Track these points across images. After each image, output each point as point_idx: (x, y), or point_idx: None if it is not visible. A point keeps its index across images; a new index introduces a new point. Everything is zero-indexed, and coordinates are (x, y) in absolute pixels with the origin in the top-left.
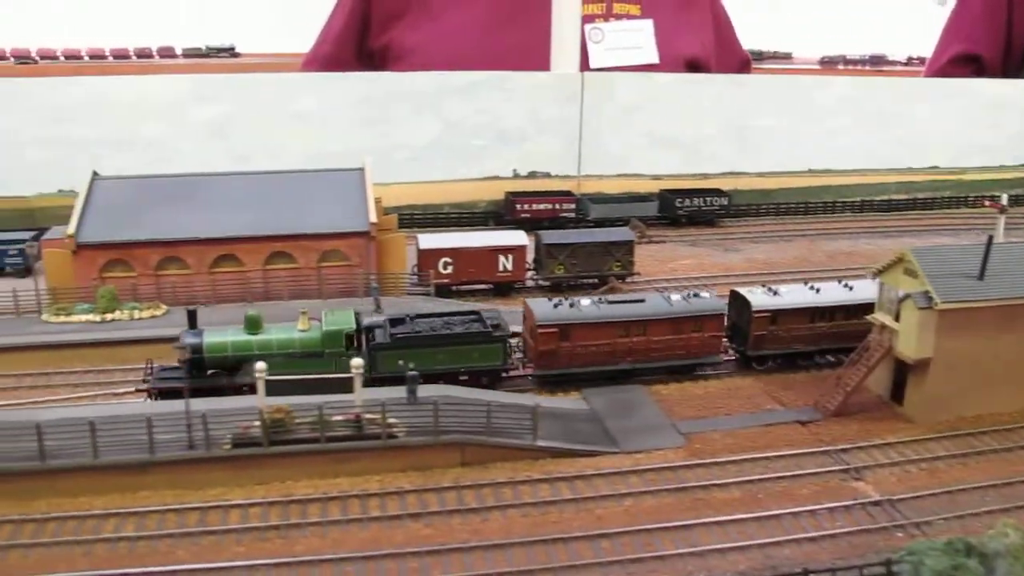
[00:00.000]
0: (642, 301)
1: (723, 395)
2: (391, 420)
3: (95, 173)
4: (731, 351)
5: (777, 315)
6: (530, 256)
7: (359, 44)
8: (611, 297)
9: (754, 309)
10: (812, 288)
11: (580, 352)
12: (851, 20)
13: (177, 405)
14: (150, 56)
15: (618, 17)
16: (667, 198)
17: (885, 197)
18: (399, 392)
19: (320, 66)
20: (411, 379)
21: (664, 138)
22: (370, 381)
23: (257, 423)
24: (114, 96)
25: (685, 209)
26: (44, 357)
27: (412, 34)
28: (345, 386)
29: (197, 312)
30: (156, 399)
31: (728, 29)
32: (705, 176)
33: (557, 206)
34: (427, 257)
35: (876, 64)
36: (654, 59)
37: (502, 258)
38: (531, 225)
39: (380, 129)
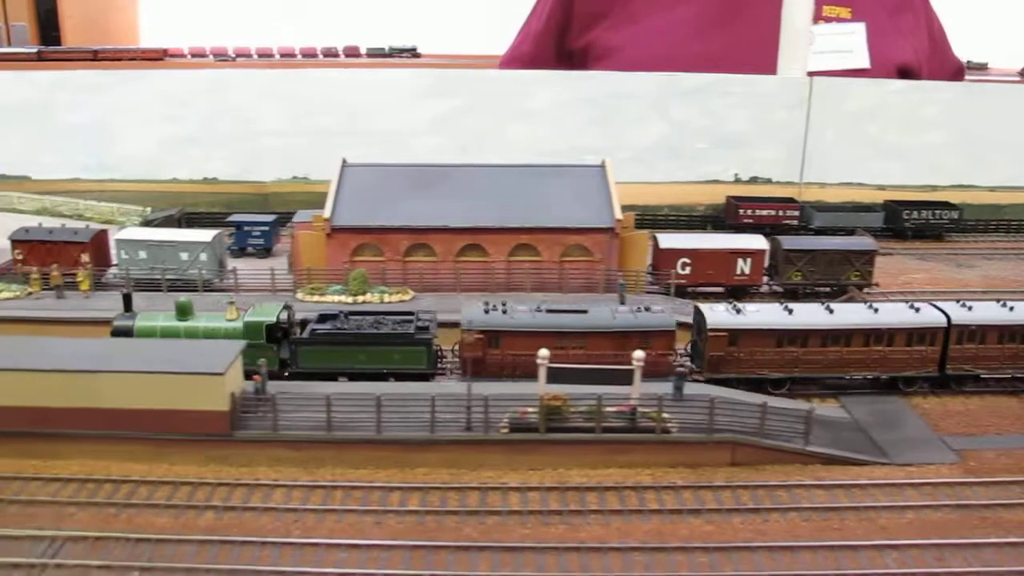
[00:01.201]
0: (584, 312)
1: (987, 413)
2: (665, 415)
3: (344, 160)
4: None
5: (737, 335)
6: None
7: (559, 44)
8: (551, 306)
9: (709, 327)
10: (785, 308)
11: (511, 362)
12: None
13: (458, 387)
14: (336, 55)
15: (827, 20)
16: (894, 210)
17: None
18: (665, 387)
19: (520, 66)
20: (678, 376)
21: (890, 147)
22: (293, 376)
23: (535, 409)
24: (351, 88)
25: (912, 222)
26: None
27: (614, 35)
28: (624, 378)
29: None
30: None
31: (941, 35)
32: (932, 188)
33: (780, 213)
34: (665, 257)
35: None
36: (865, 64)
37: (740, 261)
38: (753, 231)
39: (604, 128)
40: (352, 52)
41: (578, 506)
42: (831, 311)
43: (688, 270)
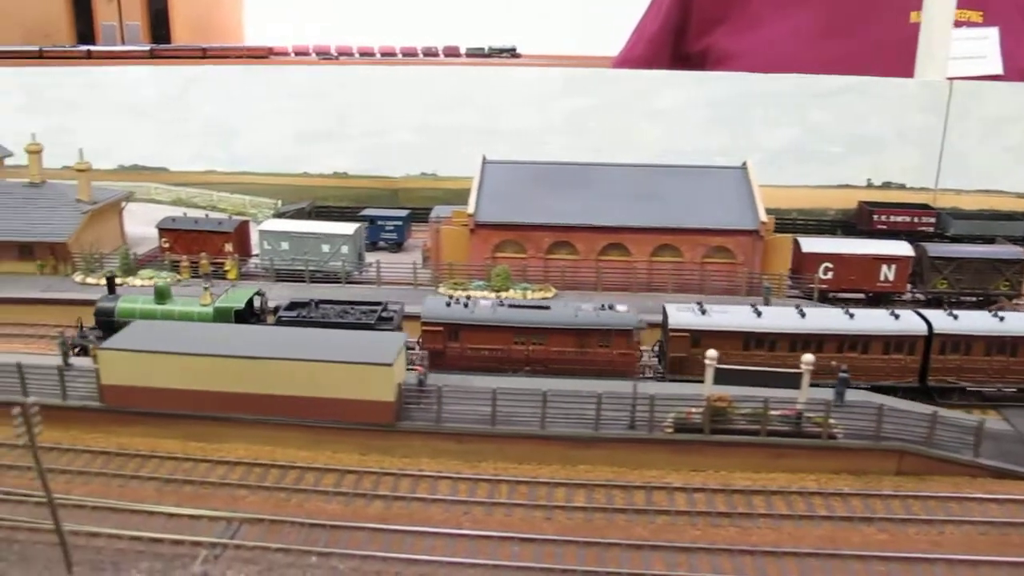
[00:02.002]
0: (547, 308)
1: None
2: (831, 420)
3: (484, 157)
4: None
5: (699, 336)
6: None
7: (675, 47)
8: (512, 301)
9: (670, 327)
10: (755, 311)
11: (470, 355)
12: None
13: (623, 386)
14: (436, 55)
15: (958, 24)
16: None
17: None
18: (827, 393)
19: (633, 67)
20: (841, 381)
21: None
22: None
23: (700, 410)
24: (482, 86)
25: None
26: None
27: (733, 39)
28: (791, 381)
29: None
30: (78, 354)
31: None
32: None
33: (915, 219)
34: (808, 261)
35: None
36: (998, 69)
37: (884, 268)
38: (886, 237)
39: (734, 130)
40: (452, 52)
41: (746, 509)
42: (803, 315)
43: (830, 275)
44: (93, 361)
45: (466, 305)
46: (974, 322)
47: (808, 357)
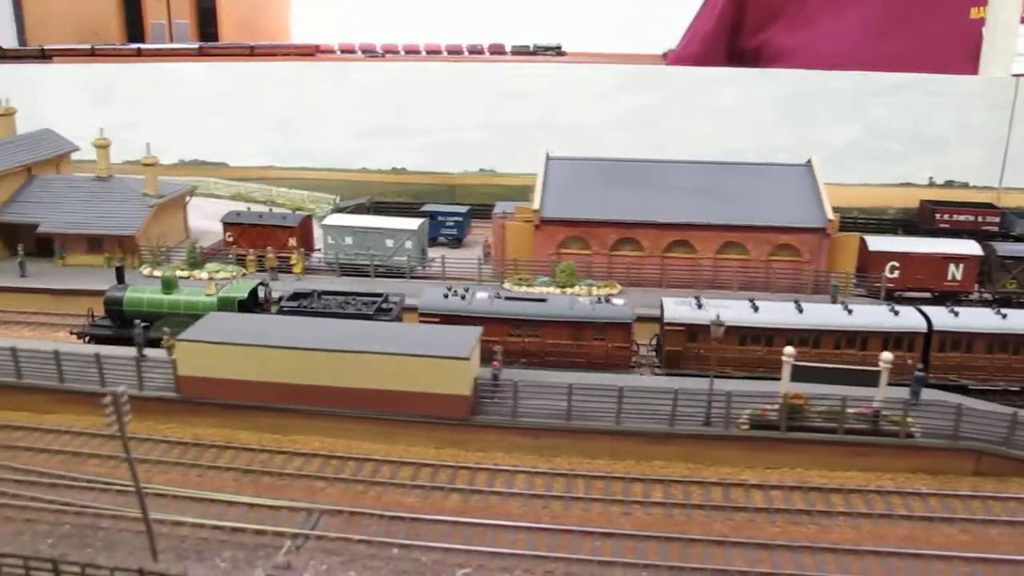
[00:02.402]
0: (543, 301)
1: None
2: (909, 419)
3: (548, 154)
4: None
5: (696, 331)
6: None
7: (730, 44)
8: (509, 293)
9: (666, 321)
10: (752, 306)
11: None
12: None
13: (696, 382)
14: (481, 52)
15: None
16: None
17: None
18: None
19: (688, 64)
20: (916, 380)
21: None
22: None
23: (776, 407)
24: (541, 82)
25: None
26: None
27: (789, 36)
28: (869, 379)
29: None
30: (88, 342)
31: None
32: None
33: (979, 218)
34: (874, 259)
35: None
36: None
37: (952, 267)
38: (948, 236)
39: (794, 127)
40: (497, 50)
41: (824, 507)
42: (800, 310)
43: (896, 273)
44: (167, 352)
45: (463, 297)
46: (975, 320)
47: (887, 355)
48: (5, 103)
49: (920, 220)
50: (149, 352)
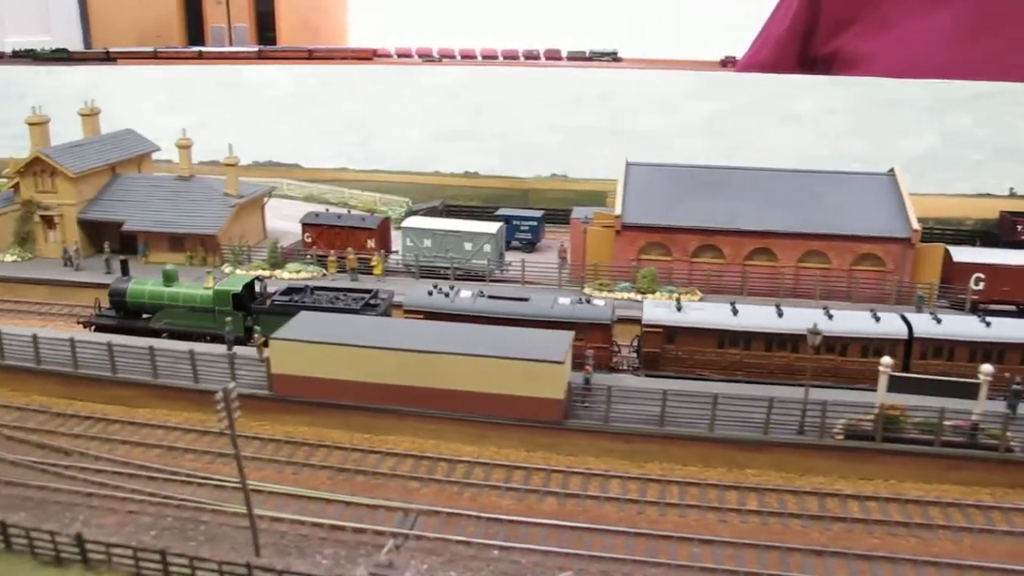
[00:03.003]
0: (526, 300)
1: None
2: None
3: (627, 160)
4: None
5: (674, 333)
6: None
7: (802, 50)
8: (493, 292)
9: (644, 323)
10: (732, 309)
11: None
12: None
13: (791, 391)
14: (536, 58)
15: None
16: None
17: None
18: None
19: (759, 71)
20: (1013, 393)
21: None
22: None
23: (871, 417)
24: (614, 88)
25: None
26: None
27: (864, 41)
28: (967, 391)
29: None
30: (93, 331)
31: None
32: None
33: None
34: (958, 271)
35: None
36: None
37: None
38: None
39: (870, 135)
40: (553, 55)
41: (923, 519)
42: (780, 315)
43: (982, 285)
44: (257, 351)
45: (447, 295)
46: (957, 327)
47: (986, 367)
48: (90, 103)
49: (1001, 231)
50: (239, 350)
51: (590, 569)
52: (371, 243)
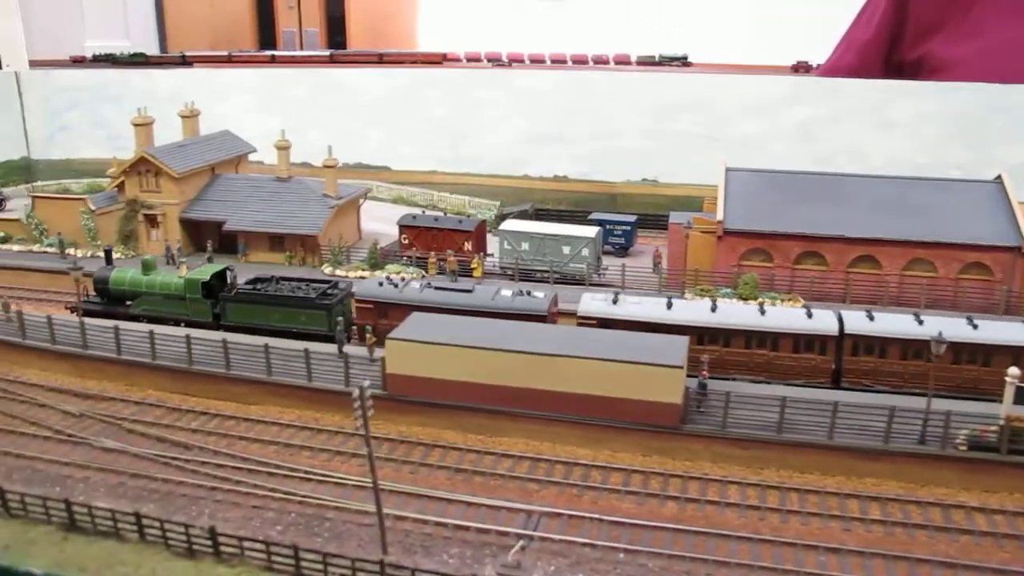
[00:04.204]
0: (469, 292)
1: None
2: None
3: (727, 165)
4: None
5: (608, 325)
6: None
7: (888, 55)
8: (439, 284)
9: (579, 315)
10: (667, 303)
11: None
12: None
13: (913, 401)
14: (606, 62)
15: None
16: None
17: None
18: None
19: (844, 75)
20: None
21: None
22: (224, 328)
23: (996, 429)
24: (709, 94)
25: None
26: None
27: (953, 47)
28: None
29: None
30: (80, 315)
31: None
32: None
33: None
34: None
35: None
36: None
37: None
38: None
39: (970, 143)
40: (622, 60)
41: None
42: (714, 309)
43: None
44: (368, 351)
45: (396, 286)
46: (889, 325)
47: (1014, 370)
48: (190, 105)
49: None
50: (349, 349)
51: (717, 574)
52: (468, 246)
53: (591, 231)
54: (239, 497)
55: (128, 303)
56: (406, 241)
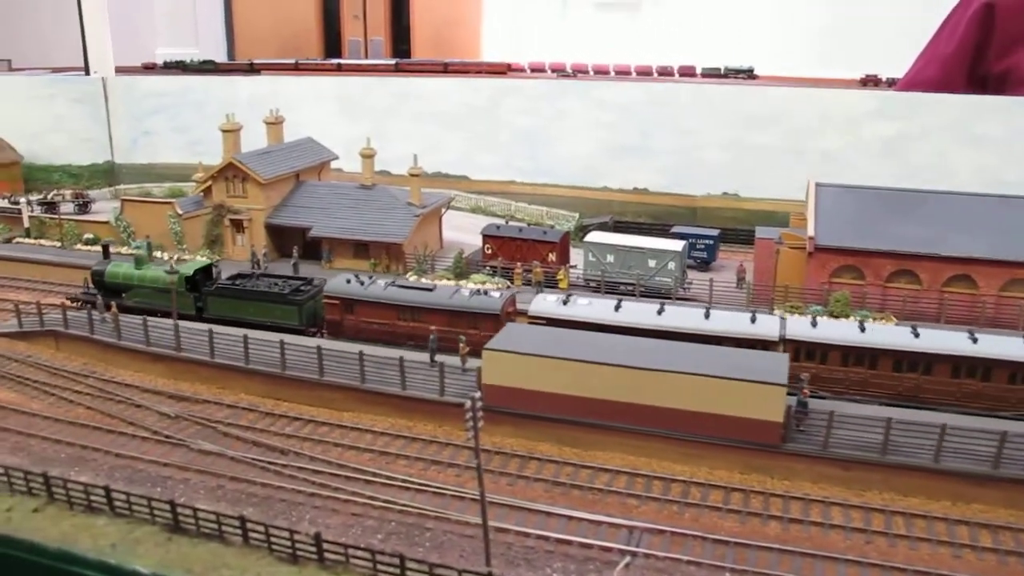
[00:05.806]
0: (430, 290)
1: None
2: None
3: (816, 182)
4: None
5: (560, 327)
6: None
7: (972, 68)
8: (403, 282)
9: (529, 314)
10: (616, 306)
11: (364, 327)
12: None
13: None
14: (671, 74)
15: None
16: None
17: None
18: None
19: (924, 90)
20: None
21: None
22: (206, 320)
23: None
24: (792, 108)
25: None
26: None
27: None
28: None
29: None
30: (80, 307)
31: None
32: None
33: None
34: None
35: None
36: None
37: None
38: None
39: None
40: (687, 72)
41: None
42: (660, 312)
43: None
44: (461, 360)
45: (362, 283)
46: (831, 331)
47: None
48: (275, 112)
49: None
50: (440, 359)
51: None
52: (552, 257)
53: (677, 245)
54: (338, 504)
55: (123, 295)
56: (489, 250)
